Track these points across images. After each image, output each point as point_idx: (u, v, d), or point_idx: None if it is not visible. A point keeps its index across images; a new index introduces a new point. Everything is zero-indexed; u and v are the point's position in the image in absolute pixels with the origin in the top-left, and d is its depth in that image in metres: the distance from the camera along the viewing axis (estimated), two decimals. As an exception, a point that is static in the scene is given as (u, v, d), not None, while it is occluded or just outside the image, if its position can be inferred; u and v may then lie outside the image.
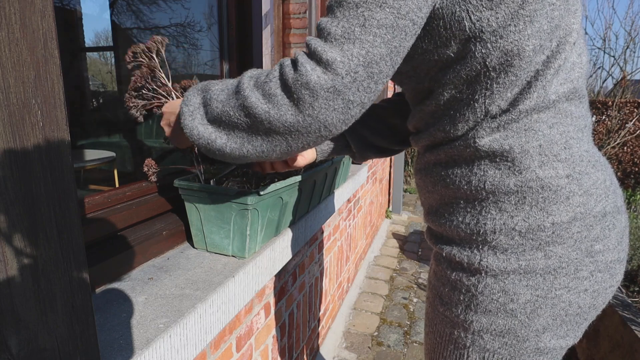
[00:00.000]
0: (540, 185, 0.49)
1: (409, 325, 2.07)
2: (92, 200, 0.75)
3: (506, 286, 0.51)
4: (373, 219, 2.94)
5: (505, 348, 0.53)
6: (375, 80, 0.46)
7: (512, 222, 0.50)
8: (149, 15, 3.06)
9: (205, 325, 0.67)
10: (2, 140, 0.34)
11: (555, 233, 0.49)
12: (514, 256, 0.50)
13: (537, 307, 0.51)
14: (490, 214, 0.51)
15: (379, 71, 0.45)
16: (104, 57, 3.80)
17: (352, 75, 0.44)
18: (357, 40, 0.44)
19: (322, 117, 0.46)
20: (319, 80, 0.44)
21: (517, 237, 0.50)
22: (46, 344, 0.38)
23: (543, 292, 0.50)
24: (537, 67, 0.48)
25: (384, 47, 0.44)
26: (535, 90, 0.48)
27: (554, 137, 0.49)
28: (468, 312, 0.54)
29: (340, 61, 0.44)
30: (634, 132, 5.08)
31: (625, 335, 1.43)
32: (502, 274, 0.51)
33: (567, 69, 0.50)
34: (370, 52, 0.44)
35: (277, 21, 1.85)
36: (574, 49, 0.50)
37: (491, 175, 0.51)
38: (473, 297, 0.54)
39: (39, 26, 0.36)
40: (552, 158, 0.49)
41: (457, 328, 0.57)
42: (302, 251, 1.33)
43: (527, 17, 0.46)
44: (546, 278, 0.50)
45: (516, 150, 0.49)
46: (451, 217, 0.56)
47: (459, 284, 0.55)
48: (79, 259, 0.41)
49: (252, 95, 0.48)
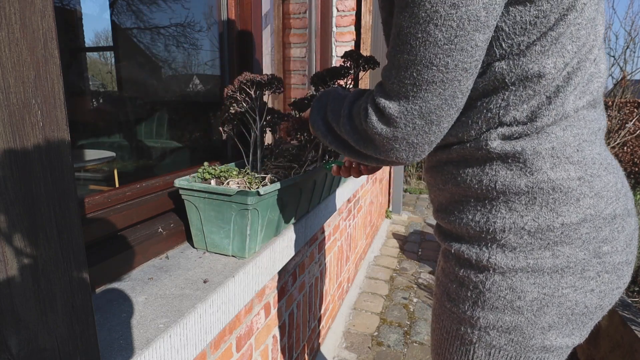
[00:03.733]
0: (552, 187, 0.49)
1: (409, 325, 2.07)
2: (92, 200, 0.75)
3: (514, 284, 0.52)
4: (373, 219, 2.94)
5: (511, 345, 0.54)
6: (437, 123, 0.48)
7: (521, 222, 0.51)
8: (149, 15, 3.06)
9: (205, 325, 0.67)
10: (2, 140, 0.34)
11: (564, 233, 0.50)
12: (522, 255, 0.51)
13: (544, 305, 0.51)
14: (501, 213, 0.52)
15: (438, 117, 0.48)
16: (104, 57, 3.80)
17: (410, 126, 0.49)
18: (411, 97, 0.47)
19: (392, 156, 0.53)
20: (382, 131, 0.51)
21: (526, 236, 0.51)
22: (46, 344, 0.38)
23: (550, 291, 0.51)
24: (558, 82, 0.49)
25: (437, 99, 0.47)
26: (555, 108, 0.49)
27: (567, 140, 0.50)
28: (475, 309, 0.55)
29: (397, 116, 0.49)
30: (634, 132, 5.08)
31: (625, 335, 1.43)
32: (510, 272, 0.52)
33: (585, 82, 0.50)
34: (424, 106, 0.47)
35: (277, 21, 1.85)
36: (593, 62, 0.51)
37: (502, 175, 0.51)
38: (480, 294, 0.54)
39: (39, 26, 0.36)
40: (564, 160, 0.49)
41: (464, 324, 0.57)
42: (302, 251, 1.33)
43: (554, 38, 0.47)
44: (553, 277, 0.51)
45: (528, 152, 0.50)
46: (461, 215, 0.56)
47: (466, 280, 0.56)
48: (79, 259, 0.41)
49: (347, 124, 0.58)
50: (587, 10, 0.48)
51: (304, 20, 1.86)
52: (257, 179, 0.91)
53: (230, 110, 0.96)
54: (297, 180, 0.93)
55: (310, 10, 1.85)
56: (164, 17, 2.84)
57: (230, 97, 0.95)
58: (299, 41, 1.89)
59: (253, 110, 0.95)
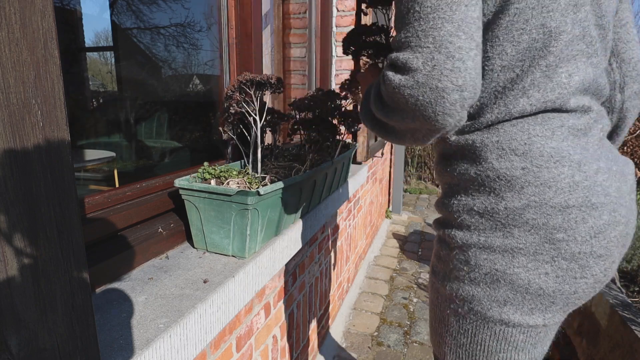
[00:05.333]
0: (497, 175, 0.56)
1: (409, 325, 2.07)
2: (92, 200, 0.75)
3: (469, 257, 0.59)
4: (373, 219, 2.94)
5: (472, 313, 0.61)
6: (459, 58, 0.46)
7: (472, 204, 0.59)
8: (149, 15, 3.06)
9: (205, 325, 0.67)
10: (2, 140, 0.34)
11: (510, 217, 0.56)
12: (475, 232, 0.58)
13: (496, 279, 0.57)
14: (460, 196, 0.60)
15: (457, 47, 0.46)
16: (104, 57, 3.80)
17: (429, 63, 0.46)
18: (420, 33, 0.47)
19: (419, 114, 0.50)
20: (400, 81, 0.48)
21: (477, 216, 0.58)
22: (46, 344, 0.38)
23: (502, 267, 0.57)
24: (502, 83, 0.55)
25: (448, 24, 0.46)
26: (498, 107, 0.56)
27: (514, 134, 0.55)
28: (445, 279, 0.64)
29: (412, 57, 0.47)
30: (634, 132, 5.08)
31: (625, 335, 1.43)
32: (465, 246, 0.59)
33: (538, 89, 0.55)
34: (437, 35, 0.46)
35: (277, 21, 1.85)
36: (547, 71, 0.54)
37: (460, 165, 0.60)
38: (448, 266, 0.63)
39: (39, 26, 0.36)
40: (510, 152, 0.55)
41: (440, 294, 0.66)
42: (302, 251, 1.33)
43: (493, 38, 0.53)
44: (504, 255, 0.56)
45: (477, 144, 0.57)
46: (444, 201, 0.64)
47: (441, 255, 0.65)
48: (79, 259, 0.41)
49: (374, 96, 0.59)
50: (525, 16, 0.52)
51: (304, 20, 1.86)
52: (257, 179, 0.91)
53: (230, 110, 0.96)
54: (297, 180, 0.93)
55: (310, 10, 1.86)
56: (164, 17, 2.84)
57: (230, 97, 0.95)
58: (299, 41, 1.89)
59: (253, 110, 0.95)
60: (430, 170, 5.51)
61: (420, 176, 5.61)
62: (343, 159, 1.34)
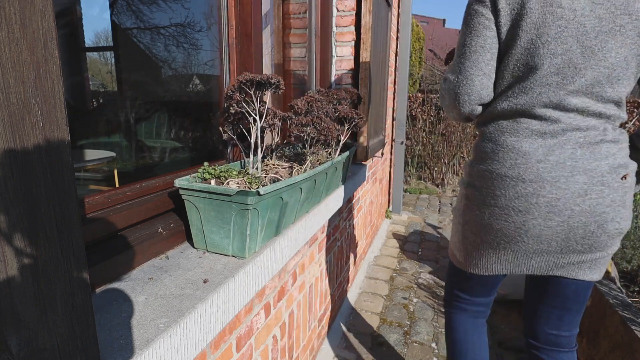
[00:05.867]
0: (480, 149, 0.98)
1: (409, 325, 2.07)
2: (92, 200, 0.75)
3: (461, 190, 1.06)
4: (373, 219, 2.94)
5: (456, 220, 1.08)
6: (470, 79, 0.93)
7: (468, 161, 1.04)
8: (149, 15, 3.06)
9: (205, 325, 0.67)
10: (2, 140, 0.34)
11: (479, 174, 0.96)
12: (465, 177, 1.03)
13: (463, 206, 1.03)
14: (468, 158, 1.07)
15: (470, 74, 0.93)
16: (104, 57, 3.79)
17: (456, 80, 0.95)
18: (455, 64, 0.96)
19: (449, 102, 0.99)
20: (445, 85, 1.00)
21: (467, 168, 1.02)
22: (46, 344, 0.38)
23: (469, 202, 1.00)
24: (497, 93, 0.95)
25: (467, 62, 0.93)
26: (492, 107, 0.97)
27: (492, 128, 0.96)
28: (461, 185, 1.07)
29: (451, 75, 0.97)
30: (634, 132, 5.08)
31: (625, 335, 1.43)
32: (461, 184, 1.06)
33: (516, 98, 0.90)
34: (461, 67, 0.94)
35: (277, 21, 1.85)
36: (532, 89, 0.88)
37: (475, 141, 1.10)
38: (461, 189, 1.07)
39: (39, 26, 0.36)
40: (487, 137, 0.96)
41: (456, 213, 1.11)
42: (302, 251, 1.33)
43: (499, 67, 0.96)
44: (475, 190, 0.98)
45: (478, 132, 1.01)
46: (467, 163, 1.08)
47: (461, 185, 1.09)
48: (79, 259, 0.41)
49: (439, 92, 1.07)
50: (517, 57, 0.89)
51: (304, 20, 1.86)
52: (257, 179, 0.91)
53: (230, 110, 0.96)
54: (298, 180, 0.93)
55: (310, 10, 1.86)
56: (164, 17, 2.84)
57: (230, 97, 0.95)
58: (299, 41, 1.89)
59: (253, 111, 0.95)
60: (430, 170, 5.51)
61: (420, 176, 5.61)
62: (343, 159, 1.34)
